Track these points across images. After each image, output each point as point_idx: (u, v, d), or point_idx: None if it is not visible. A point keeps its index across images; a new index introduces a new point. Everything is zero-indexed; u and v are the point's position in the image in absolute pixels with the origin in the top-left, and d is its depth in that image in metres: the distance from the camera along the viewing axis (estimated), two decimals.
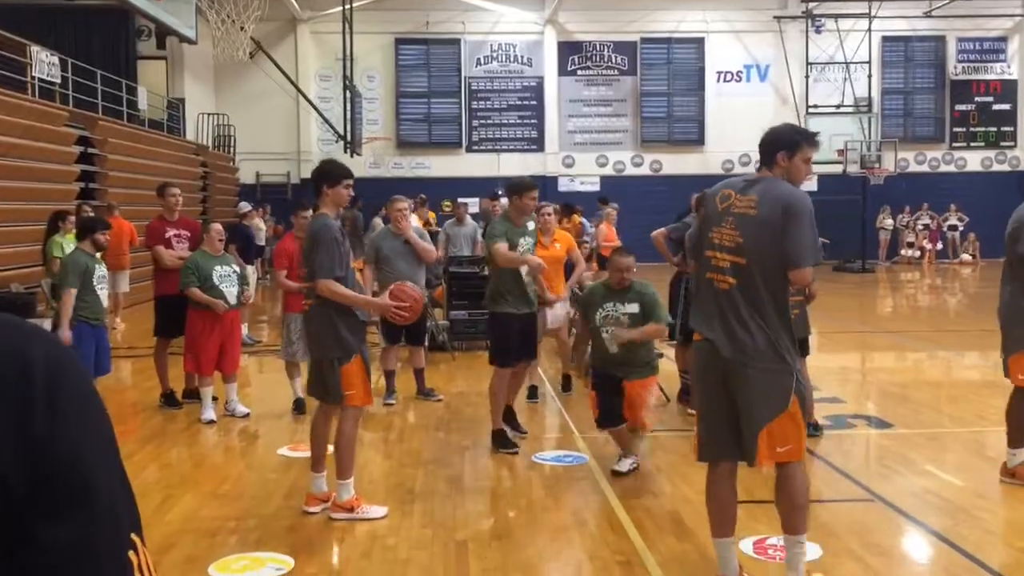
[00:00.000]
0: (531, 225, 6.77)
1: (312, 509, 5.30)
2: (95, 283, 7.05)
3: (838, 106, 25.23)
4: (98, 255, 7.34)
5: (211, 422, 7.52)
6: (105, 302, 7.22)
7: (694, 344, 4.14)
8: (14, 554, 0.88)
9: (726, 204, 4.01)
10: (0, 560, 0.88)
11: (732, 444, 3.99)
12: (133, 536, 0.96)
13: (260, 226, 17.45)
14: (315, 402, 5.56)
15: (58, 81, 14.66)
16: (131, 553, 0.95)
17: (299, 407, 7.77)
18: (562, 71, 26.09)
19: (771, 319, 3.87)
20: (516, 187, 6.70)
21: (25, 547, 0.88)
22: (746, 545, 4.62)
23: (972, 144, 26.87)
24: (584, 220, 18.58)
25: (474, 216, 15.26)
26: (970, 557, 4.54)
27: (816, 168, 24.08)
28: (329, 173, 5.27)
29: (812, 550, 4.23)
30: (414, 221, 12.06)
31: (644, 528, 5.03)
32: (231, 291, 7.62)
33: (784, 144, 4.07)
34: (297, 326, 7.54)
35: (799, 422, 3.94)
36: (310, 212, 7.78)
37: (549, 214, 8.17)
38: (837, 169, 23.26)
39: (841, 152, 23.57)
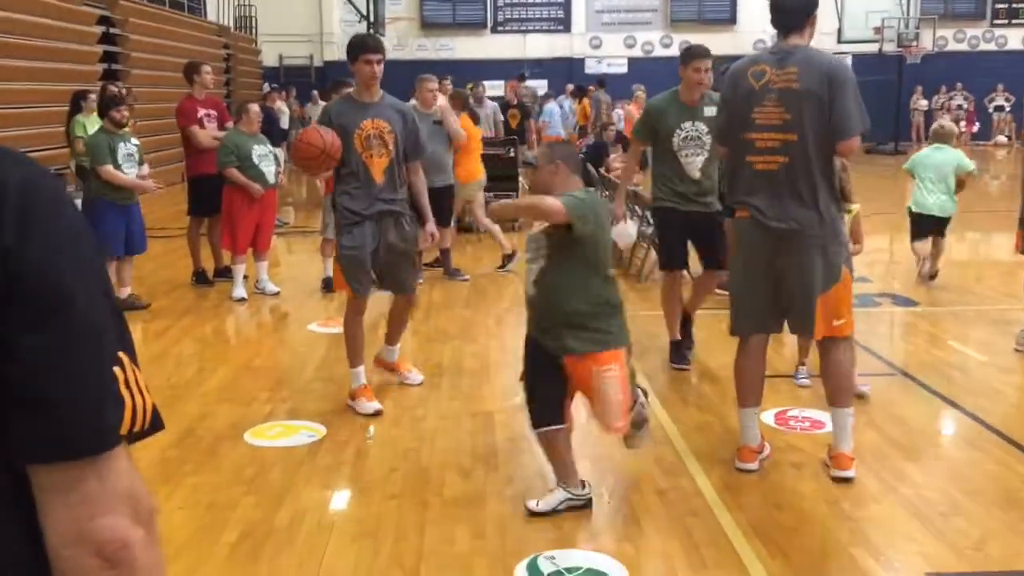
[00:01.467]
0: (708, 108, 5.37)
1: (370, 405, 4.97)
2: (120, 161, 7.07)
3: None
4: (126, 131, 7.33)
5: (242, 299, 7.64)
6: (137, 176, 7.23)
7: (737, 220, 4.04)
8: None
9: (763, 81, 3.84)
10: None
11: (769, 318, 4.02)
12: (120, 354, 0.98)
13: (283, 109, 17.31)
14: None
15: None
16: (116, 368, 0.96)
17: (327, 285, 7.86)
18: None
19: (823, 191, 3.83)
20: (683, 54, 5.61)
21: (3, 356, 0.90)
22: (767, 416, 4.70)
23: (1014, 21, 25.87)
24: (607, 98, 18.30)
25: (497, 99, 15.09)
26: (992, 429, 4.60)
27: (851, 47, 23.45)
28: (349, 48, 4.96)
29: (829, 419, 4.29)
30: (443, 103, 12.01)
31: (667, 401, 5.12)
32: (269, 170, 7.71)
33: (814, 4, 3.92)
34: (332, 206, 7.63)
35: (850, 295, 3.96)
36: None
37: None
38: (873, 48, 22.55)
39: (877, 30, 22.81)
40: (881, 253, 10.11)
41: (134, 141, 7.34)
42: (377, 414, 4.90)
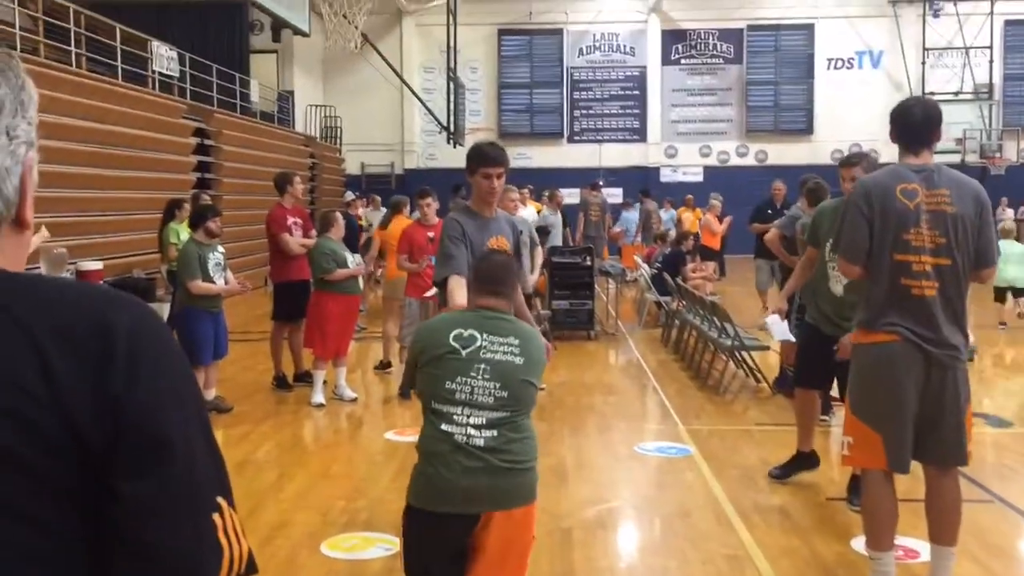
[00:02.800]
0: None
1: None
2: (211, 272, 7.28)
3: (956, 93, 24.23)
4: (215, 242, 7.57)
5: (320, 405, 7.73)
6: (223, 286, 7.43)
7: (879, 345, 3.74)
8: (95, 510, 0.92)
9: (916, 200, 3.66)
10: (83, 516, 0.93)
11: (911, 447, 3.77)
12: (219, 499, 0.99)
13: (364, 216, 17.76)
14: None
15: (176, 75, 15.23)
16: (215, 515, 0.98)
17: (405, 393, 7.92)
18: (665, 60, 25.78)
19: (964, 316, 3.75)
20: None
21: (105, 499, 0.92)
22: (858, 543, 4.51)
23: None
24: (673, 211, 18.59)
25: (572, 207, 15.30)
26: None
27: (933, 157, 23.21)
28: (469, 158, 4.42)
29: (926, 550, 4.09)
30: (531, 210, 12.30)
31: (751, 522, 4.96)
32: (360, 278, 7.98)
33: (940, 118, 3.82)
34: (412, 310, 7.83)
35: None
36: (430, 199, 8.16)
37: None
38: (955, 159, 22.34)
39: (959, 141, 22.64)
40: (970, 370, 9.80)
41: (220, 249, 7.57)
42: None
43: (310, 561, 4.44)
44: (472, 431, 2.96)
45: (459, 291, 3.96)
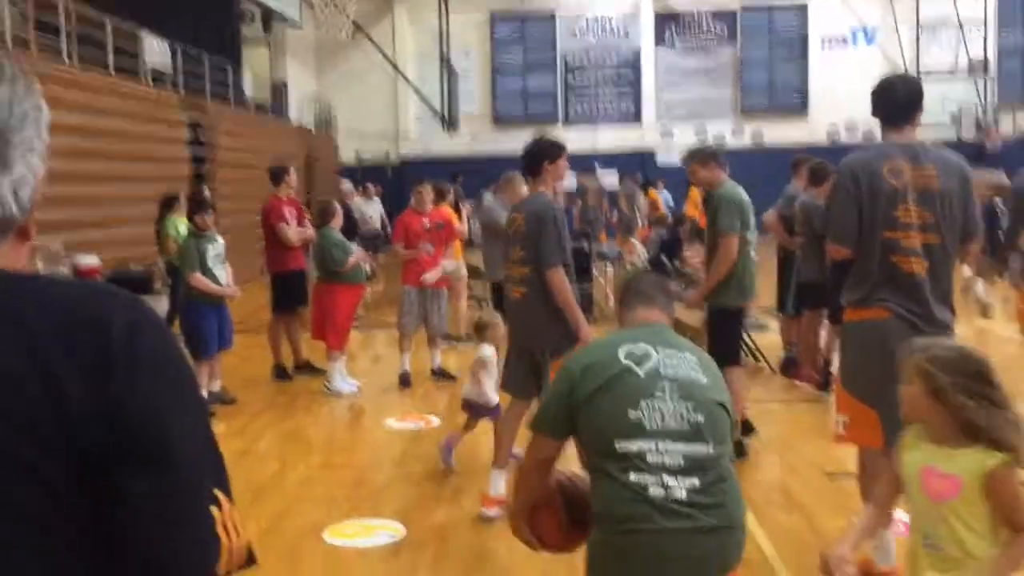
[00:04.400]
0: None
1: (490, 512, 4.82)
2: (210, 263, 7.26)
3: (951, 69, 24.17)
4: (214, 232, 7.50)
5: (344, 393, 7.75)
6: (225, 279, 7.39)
7: (868, 322, 3.73)
8: (96, 510, 0.93)
9: (903, 179, 3.67)
10: (84, 516, 0.93)
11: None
12: (217, 492, 1.01)
13: (361, 205, 17.72)
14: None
15: (169, 68, 15.17)
16: (214, 508, 1.00)
17: (404, 380, 7.92)
18: (659, 42, 25.68)
19: (951, 293, 3.76)
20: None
21: (108, 499, 0.93)
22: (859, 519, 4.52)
23: None
24: (665, 192, 18.43)
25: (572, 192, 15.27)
26: None
27: (928, 134, 23.20)
28: (550, 148, 4.97)
29: None
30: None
31: (751, 500, 4.97)
32: (365, 266, 7.99)
33: (922, 94, 3.87)
34: (411, 299, 7.81)
35: None
36: (428, 187, 8.13)
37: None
38: (951, 135, 22.33)
39: (954, 117, 22.61)
40: None
41: (220, 240, 7.54)
42: None
43: (313, 550, 4.46)
44: (669, 479, 2.31)
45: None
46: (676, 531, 2.28)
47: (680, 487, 2.30)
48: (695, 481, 2.32)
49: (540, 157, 4.92)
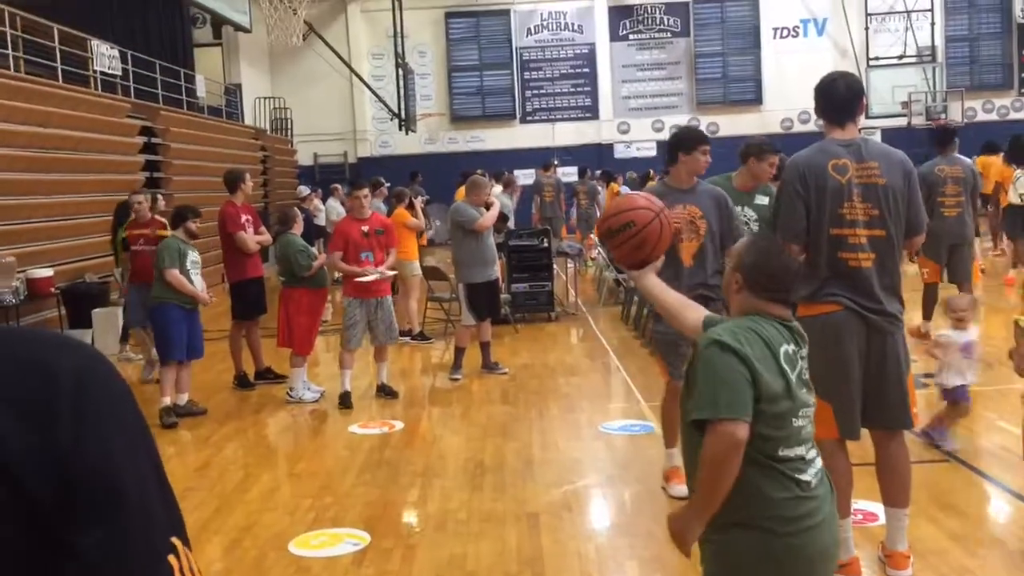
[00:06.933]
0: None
1: (676, 489, 4.88)
2: (188, 267, 7.20)
3: (900, 57, 24.54)
4: (191, 241, 7.42)
5: (305, 400, 7.70)
6: (200, 286, 7.32)
7: (828, 316, 3.76)
8: (48, 563, 0.90)
9: (847, 176, 3.73)
10: (37, 570, 0.90)
11: (858, 415, 3.83)
12: (173, 539, 0.97)
13: (320, 207, 17.64)
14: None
15: (119, 73, 14.94)
16: (171, 557, 0.96)
17: (345, 401, 7.48)
18: (614, 36, 25.78)
19: (899, 284, 3.83)
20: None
21: (58, 555, 0.90)
22: None
23: None
24: (626, 188, 18.41)
25: (528, 188, 15.30)
26: None
27: (879, 122, 23.59)
28: (685, 139, 4.90)
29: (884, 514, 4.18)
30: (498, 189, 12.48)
31: None
32: (326, 272, 8.00)
33: (862, 89, 3.94)
34: (352, 310, 7.45)
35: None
36: (366, 191, 7.95)
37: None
38: (901, 122, 22.66)
39: (905, 104, 22.95)
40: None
41: (196, 251, 7.46)
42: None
43: (279, 561, 4.44)
44: (810, 470, 2.40)
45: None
46: (820, 524, 2.38)
47: (813, 477, 2.41)
48: (817, 472, 2.43)
49: (675, 148, 4.89)
